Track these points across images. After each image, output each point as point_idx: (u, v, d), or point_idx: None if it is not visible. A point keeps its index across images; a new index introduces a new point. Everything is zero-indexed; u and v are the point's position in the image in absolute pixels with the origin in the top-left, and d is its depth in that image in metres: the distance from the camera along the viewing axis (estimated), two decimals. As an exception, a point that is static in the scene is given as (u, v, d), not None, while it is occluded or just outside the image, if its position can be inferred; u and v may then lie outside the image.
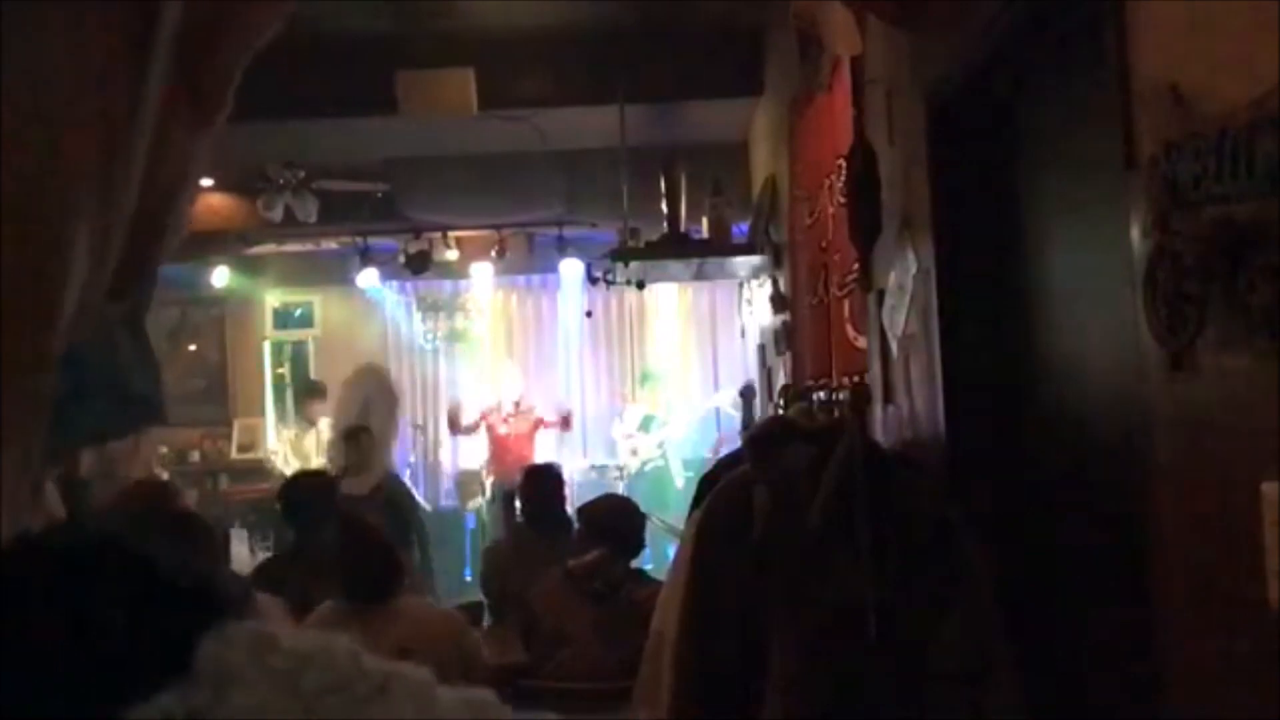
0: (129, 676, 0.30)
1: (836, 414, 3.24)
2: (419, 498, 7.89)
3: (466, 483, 9.13)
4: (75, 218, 0.33)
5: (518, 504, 5.35)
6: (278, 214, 7.50)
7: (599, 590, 3.74)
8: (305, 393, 9.14)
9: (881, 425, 3.22)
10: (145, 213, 0.37)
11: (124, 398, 0.39)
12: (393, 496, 6.26)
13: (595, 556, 3.80)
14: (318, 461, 8.44)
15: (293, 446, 8.90)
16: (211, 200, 8.18)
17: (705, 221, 5.54)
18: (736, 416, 8.97)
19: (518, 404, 9.00)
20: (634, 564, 4.09)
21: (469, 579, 7.78)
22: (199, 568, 0.35)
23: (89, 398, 0.37)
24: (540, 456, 8.34)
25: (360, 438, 6.45)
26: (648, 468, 9.17)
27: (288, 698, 0.31)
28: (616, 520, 4.11)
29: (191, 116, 0.39)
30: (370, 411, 6.72)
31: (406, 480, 7.94)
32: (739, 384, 9.47)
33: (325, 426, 8.91)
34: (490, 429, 8.92)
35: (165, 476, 8.69)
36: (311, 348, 10.53)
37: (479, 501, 8.81)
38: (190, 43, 0.36)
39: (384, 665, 0.34)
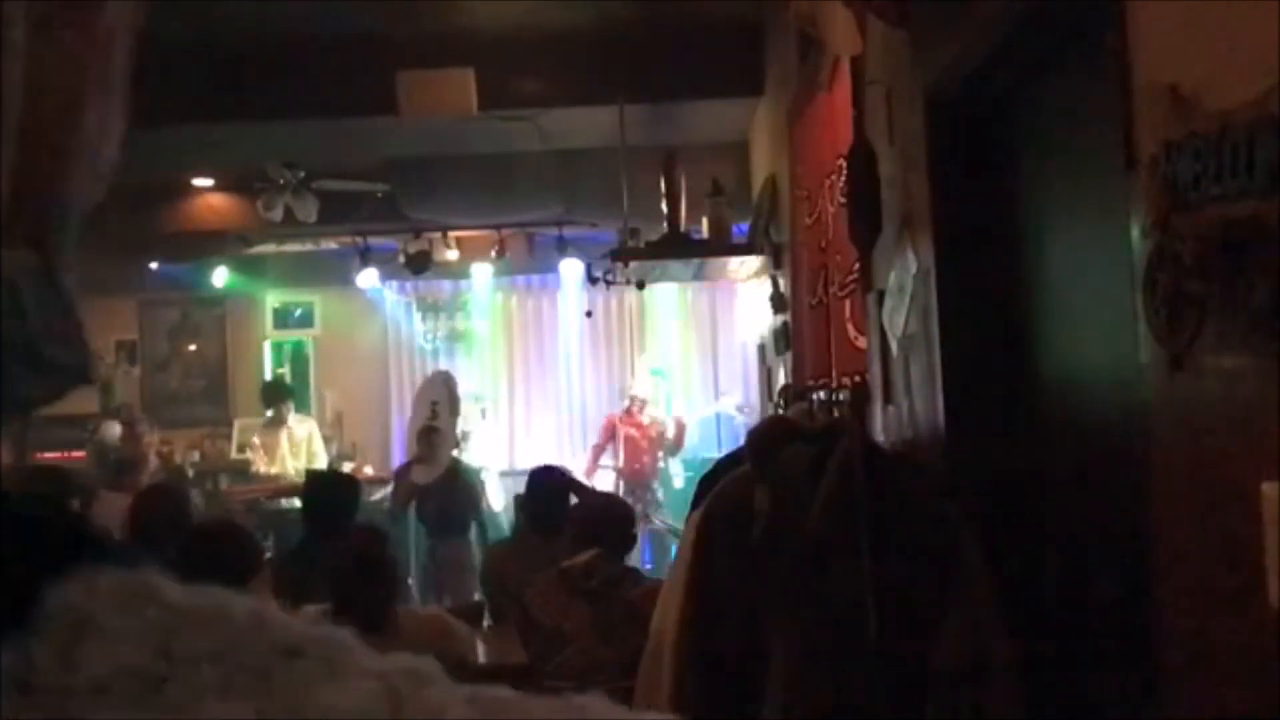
0: None
1: (836, 414, 3.24)
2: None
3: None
4: None
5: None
6: (278, 214, 7.50)
7: (595, 589, 3.74)
8: (274, 393, 9.15)
9: (881, 425, 3.22)
10: (35, 135, 0.31)
11: (35, 362, 0.33)
12: (465, 481, 7.29)
13: (591, 556, 3.80)
14: (294, 462, 8.51)
15: (264, 447, 8.92)
16: (211, 200, 8.18)
17: (705, 221, 5.54)
18: (739, 419, 8.97)
19: (643, 403, 9.02)
20: (628, 562, 4.10)
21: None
22: (55, 504, 0.29)
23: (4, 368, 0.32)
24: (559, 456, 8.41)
25: (431, 435, 7.27)
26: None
27: (152, 659, 0.26)
28: (607, 519, 4.13)
29: (64, 8, 0.32)
30: (438, 412, 7.50)
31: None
32: (739, 385, 9.49)
33: (295, 423, 8.93)
34: (619, 433, 8.98)
35: (190, 474, 8.78)
36: (311, 348, 10.53)
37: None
38: None
39: (299, 626, 0.29)
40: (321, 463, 8.67)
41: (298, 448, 8.82)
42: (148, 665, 0.26)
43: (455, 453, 7.61)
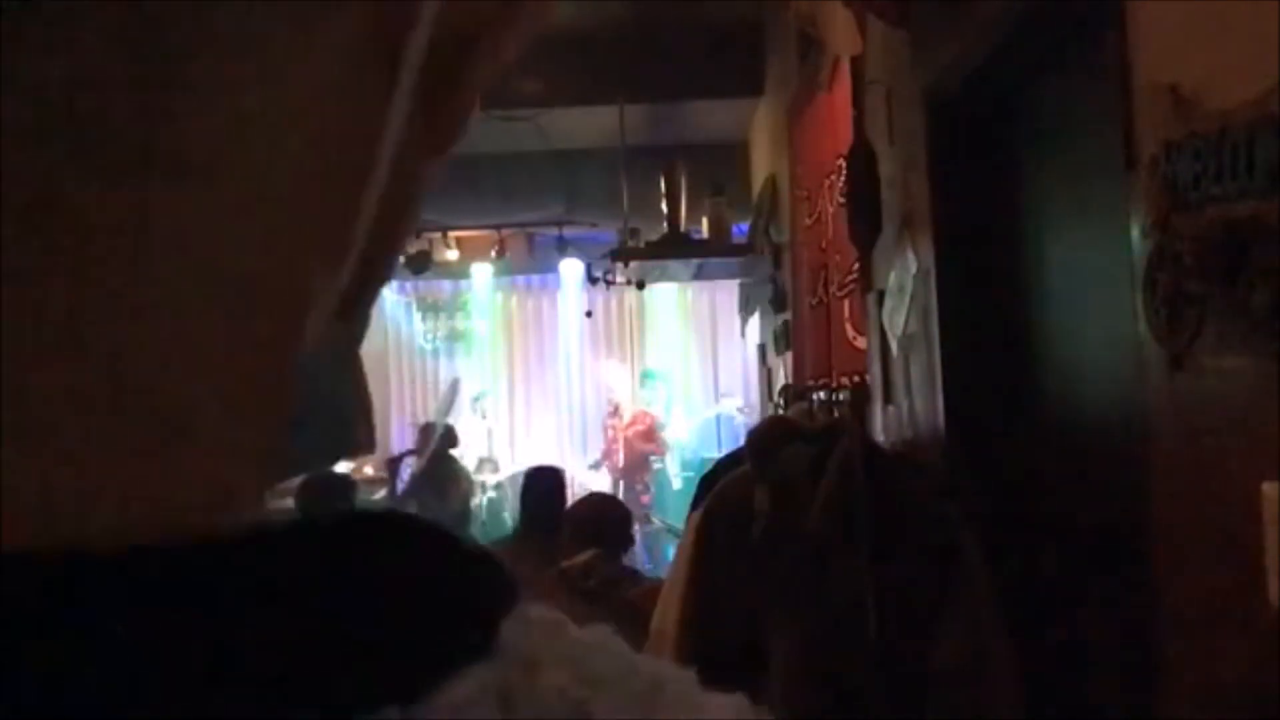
0: (441, 651, 0.28)
1: (836, 414, 3.24)
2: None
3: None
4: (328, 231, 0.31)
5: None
6: (278, 214, 7.51)
7: (594, 589, 3.74)
8: None
9: (881, 425, 3.22)
10: (372, 238, 0.34)
11: (338, 425, 0.37)
12: (450, 469, 7.98)
13: (590, 556, 3.80)
14: None
15: None
16: (211, 200, 8.19)
17: (705, 221, 5.54)
18: (740, 420, 8.99)
19: (616, 405, 9.23)
20: (625, 561, 4.10)
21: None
22: (487, 552, 0.33)
23: (310, 427, 0.34)
24: (550, 455, 8.45)
25: (425, 429, 8.13)
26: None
27: (583, 685, 0.30)
28: (603, 519, 4.13)
29: (424, 141, 0.35)
30: (437, 410, 8.40)
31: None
32: (739, 384, 9.49)
33: None
34: (614, 432, 9.13)
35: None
36: (311, 348, 10.54)
37: (478, 499, 8.84)
38: (437, 60, 0.32)
39: (649, 663, 0.32)
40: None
41: None
42: (575, 690, 0.29)
43: (453, 451, 8.04)
